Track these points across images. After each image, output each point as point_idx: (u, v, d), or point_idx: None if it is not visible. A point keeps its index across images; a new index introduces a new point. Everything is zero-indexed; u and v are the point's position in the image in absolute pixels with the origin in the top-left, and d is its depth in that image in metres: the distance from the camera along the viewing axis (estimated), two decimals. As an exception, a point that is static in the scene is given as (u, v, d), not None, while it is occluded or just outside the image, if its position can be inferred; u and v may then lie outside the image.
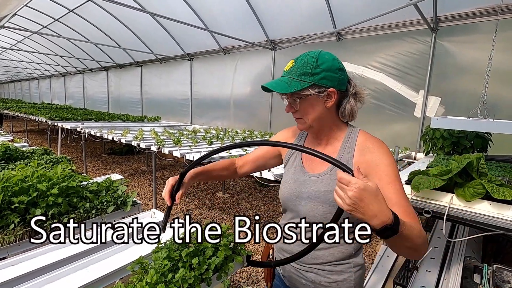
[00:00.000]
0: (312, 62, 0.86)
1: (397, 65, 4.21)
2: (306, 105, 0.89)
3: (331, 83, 0.87)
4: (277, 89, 0.86)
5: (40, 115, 6.56)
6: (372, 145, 0.91)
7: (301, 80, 0.86)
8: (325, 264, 0.95)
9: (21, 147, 2.31)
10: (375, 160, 0.86)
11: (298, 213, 0.97)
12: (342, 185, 0.63)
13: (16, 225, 0.99)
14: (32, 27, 8.35)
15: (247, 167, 1.15)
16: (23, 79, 19.93)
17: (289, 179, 1.02)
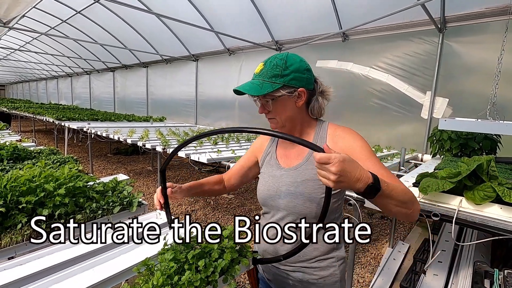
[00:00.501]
0: (281, 64, 0.90)
1: (404, 65, 4.17)
2: (278, 106, 0.94)
3: (300, 83, 0.92)
4: (250, 92, 0.90)
5: (48, 115, 6.64)
6: (343, 132, 0.98)
7: (272, 82, 0.90)
8: (311, 261, 0.97)
9: (28, 147, 2.34)
10: (348, 144, 0.93)
11: (278, 208, 1.00)
12: (323, 164, 0.65)
13: (24, 225, 0.99)
14: (40, 28, 8.47)
15: (233, 180, 1.19)
16: (31, 79, 20.21)
17: (267, 177, 1.05)
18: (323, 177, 0.67)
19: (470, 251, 2.02)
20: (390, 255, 3.12)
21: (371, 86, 4.49)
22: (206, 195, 1.15)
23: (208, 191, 1.12)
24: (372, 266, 3.03)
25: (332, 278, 0.98)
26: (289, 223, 0.96)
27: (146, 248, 0.95)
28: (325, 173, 0.66)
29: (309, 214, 0.94)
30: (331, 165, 0.64)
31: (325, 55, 4.97)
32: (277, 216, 1.01)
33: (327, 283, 0.98)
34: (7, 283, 0.77)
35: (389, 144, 4.25)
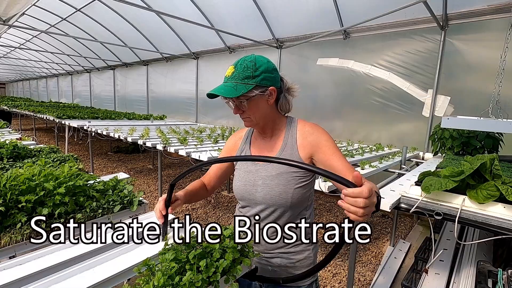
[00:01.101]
0: (251, 66, 0.96)
1: (405, 63, 4.15)
2: (252, 105, 0.99)
3: (270, 83, 0.98)
4: (227, 94, 0.94)
5: (48, 114, 6.63)
6: (311, 128, 1.06)
7: (245, 83, 0.95)
8: (287, 246, 1.06)
9: (28, 145, 2.33)
10: (316, 139, 1.02)
11: (255, 201, 1.06)
12: (352, 198, 0.65)
13: (23, 224, 0.98)
14: (40, 26, 8.44)
15: (213, 182, 1.23)
16: (31, 77, 20.19)
17: (242, 173, 1.11)
18: (351, 212, 0.66)
19: (472, 250, 2.01)
20: (391, 253, 3.12)
21: (372, 84, 4.47)
22: (196, 200, 1.17)
23: (197, 195, 1.15)
24: (373, 264, 3.02)
25: (307, 260, 1.08)
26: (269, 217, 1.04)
27: (146, 248, 0.94)
28: (355, 208, 0.65)
29: (285, 204, 1.02)
30: (362, 200, 0.64)
31: (326, 53, 4.95)
32: (255, 209, 1.07)
33: (303, 265, 1.08)
34: (7, 283, 0.76)
35: (389, 143, 4.24)
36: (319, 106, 4.96)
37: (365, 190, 0.64)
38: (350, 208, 0.65)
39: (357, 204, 0.64)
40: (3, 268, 0.82)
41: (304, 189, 1.03)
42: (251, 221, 1.06)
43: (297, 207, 1.04)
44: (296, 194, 1.01)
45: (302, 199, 1.03)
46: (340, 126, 4.88)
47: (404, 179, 2.07)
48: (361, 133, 4.67)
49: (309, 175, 1.04)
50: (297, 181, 1.01)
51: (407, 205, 1.51)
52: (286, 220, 1.04)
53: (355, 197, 0.64)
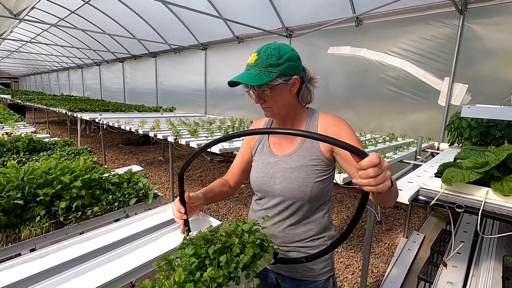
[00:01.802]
0: (275, 54, 0.92)
1: (421, 50, 4.00)
2: (275, 94, 0.96)
3: (294, 71, 0.96)
4: (250, 82, 0.90)
5: (60, 107, 6.73)
6: (333, 120, 1.02)
7: (269, 71, 0.92)
8: (305, 240, 1.04)
9: (43, 139, 2.36)
10: (337, 132, 0.98)
11: (273, 193, 1.04)
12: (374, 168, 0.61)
13: (42, 217, 0.99)
14: (49, 19, 8.49)
15: (236, 178, 1.20)
16: (43, 71, 20.50)
17: (260, 164, 1.09)
18: (365, 185, 0.62)
19: (492, 244, 1.96)
20: (405, 245, 3.08)
21: (385, 72, 4.35)
22: (218, 200, 1.14)
23: (219, 194, 1.12)
24: (386, 256, 3.00)
25: None
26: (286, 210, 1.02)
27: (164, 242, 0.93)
28: (381, 176, 0.61)
29: (303, 198, 0.99)
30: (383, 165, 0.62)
31: (337, 41, 4.82)
32: (273, 201, 1.05)
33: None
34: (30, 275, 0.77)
35: (403, 133, 4.14)
36: (330, 96, 4.86)
37: (373, 157, 0.60)
38: (362, 181, 0.62)
39: (368, 175, 0.61)
40: (25, 261, 0.83)
41: (323, 183, 1.00)
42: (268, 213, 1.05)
43: (315, 201, 1.02)
44: (316, 188, 0.99)
45: (321, 193, 1.01)
46: (351, 116, 4.78)
47: (421, 170, 2.01)
48: (374, 123, 4.57)
49: (329, 168, 1.01)
50: (317, 174, 0.98)
51: (426, 197, 1.47)
52: (303, 214, 1.02)
53: (366, 168, 0.61)
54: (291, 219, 1.03)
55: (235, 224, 0.83)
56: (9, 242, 0.91)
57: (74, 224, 1.03)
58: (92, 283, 0.72)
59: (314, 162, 0.98)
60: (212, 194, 1.08)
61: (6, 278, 0.76)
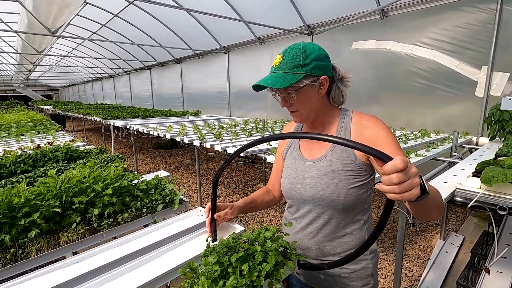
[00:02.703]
0: (301, 54, 0.87)
1: (453, 39, 3.75)
2: (302, 96, 0.91)
3: (322, 71, 0.89)
4: (274, 85, 0.86)
5: (95, 115, 7.17)
6: (368, 121, 0.93)
7: (294, 72, 0.87)
8: (342, 254, 0.96)
9: (79, 147, 2.52)
10: (373, 134, 0.89)
11: (303, 200, 0.98)
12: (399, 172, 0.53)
13: (78, 224, 1.06)
14: (83, 34, 9.08)
15: (277, 186, 1.17)
16: (79, 82, 21.97)
17: (290, 169, 1.04)
18: (387, 192, 0.55)
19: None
20: (442, 247, 2.89)
21: (414, 65, 4.12)
22: (259, 209, 1.13)
23: (260, 203, 1.11)
24: (422, 259, 2.84)
25: (364, 271, 0.97)
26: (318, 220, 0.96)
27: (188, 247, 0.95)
28: (407, 183, 0.54)
29: (336, 206, 0.92)
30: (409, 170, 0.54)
31: (362, 36, 4.65)
32: (301, 210, 1.00)
33: (359, 277, 0.96)
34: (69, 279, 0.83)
35: (436, 128, 3.90)
36: (355, 92, 4.69)
37: (398, 161, 0.53)
38: (385, 188, 0.55)
39: (391, 181, 0.54)
40: (63, 266, 0.89)
41: (359, 190, 0.91)
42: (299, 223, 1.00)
43: (350, 210, 0.93)
44: (350, 196, 0.90)
45: (357, 201, 0.92)
46: (378, 112, 4.59)
47: (457, 168, 1.88)
48: (403, 118, 4.36)
49: (366, 173, 0.92)
50: (351, 180, 0.90)
51: (463, 198, 1.37)
52: (338, 224, 0.94)
53: (389, 173, 0.54)
54: (324, 230, 0.95)
55: (258, 231, 0.83)
56: (49, 247, 0.98)
57: (106, 230, 1.09)
58: (123, 289, 0.76)
59: (347, 167, 0.91)
60: (252, 205, 1.07)
61: (47, 283, 0.82)
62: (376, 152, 0.55)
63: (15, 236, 0.95)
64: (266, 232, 0.81)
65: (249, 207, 1.06)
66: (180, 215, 1.18)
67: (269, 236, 0.79)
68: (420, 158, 2.35)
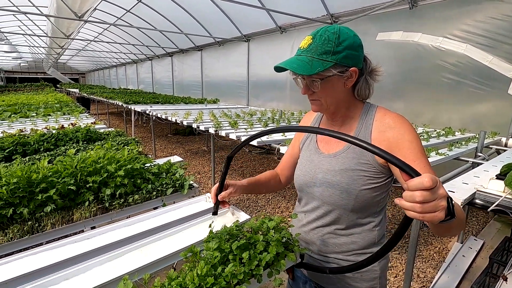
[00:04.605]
0: (333, 39, 0.79)
1: (488, 32, 3.49)
2: (327, 86, 0.83)
3: (352, 62, 0.81)
4: (299, 71, 0.79)
5: (117, 99, 7.38)
6: (393, 121, 0.85)
7: (323, 59, 0.79)
8: (347, 253, 0.91)
9: (100, 129, 2.61)
10: (397, 137, 0.81)
11: (313, 196, 0.94)
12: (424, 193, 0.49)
13: (91, 202, 1.10)
14: (109, 19, 9.28)
15: (286, 171, 1.13)
16: (105, 67, 22.63)
17: (304, 161, 0.99)
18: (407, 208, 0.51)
19: None
20: (459, 251, 2.79)
21: (442, 58, 3.90)
22: (263, 192, 1.11)
23: (264, 185, 1.07)
24: (436, 261, 2.75)
25: (370, 274, 0.92)
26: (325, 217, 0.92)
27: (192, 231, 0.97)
28: (432, 204, 0.49)
29: (345, 206, 0.87)
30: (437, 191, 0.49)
31: (388, 26, 4.44)
32: (310, 205, 0.96)
33: (364, 279, 0.92)
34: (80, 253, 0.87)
35: (462, 126, 3.70)
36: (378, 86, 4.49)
37: (425, 179, 0.48)
38: (405, 204, 0.51)
39: (414, 198, 0.49)
40: (74, 241, 0.93)
41: (373, 192, 0.86)
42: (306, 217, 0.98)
43: (361, 211, 0.88)
44: (362, 197, 0.85)
45: (368, 203, 0.87)
46: (402, 107, 4.41)
47: (481, 170, 1.78)
48: (428, 115, 4.16)
49: (383, 176, 0.86)
50: (364, 181, 0.84)
51: (484, 201, 1.30)
52: (346, 224, 0.90)
53: (413, 189, 0.49)
54: (331, 226, 0.92)
55: (261, 220, 0.82)
56: (64, 222, 1.03)
57: (117, 210, 1.13)
58: (124, 268, 0.78)
59: (363, 167, 0.85)
60: (256, 186, 1.04)
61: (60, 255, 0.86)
62: (402, 164, 0.50)
63: (33, 210, 1.00)
64: (270, 222, 0.80)
65: (252, 187, 1.03)
66: (189, 199, 1.20)
67: (272, 226, 0.79)
68: (441, 157, 2.25)
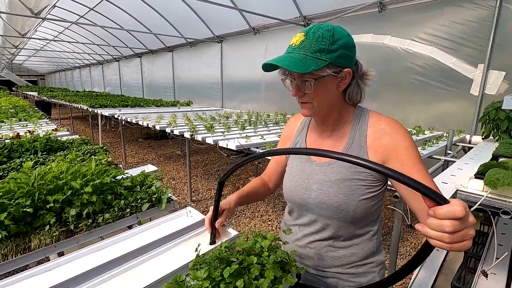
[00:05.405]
0: (328, 37, 0.74)
1: (451, 36, 3.70)
2: (320, 87, 0.78)
3: (346, 63, 0.77)
4: (292, 68, 0.71)
5: (82, 103, 6.90)
6: (388, 126, 0.82)
7: (317, 58, 0.73)
8: (346, 266, 0.87)
9: (62, 137, 2.37)
10: (393, 143, 0.79)
11: (307, 209, 0.88)
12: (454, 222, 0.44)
13: (52, 226, 0.95)
14: (70, 17, 8.68)
15: (273, 179, 1.08)
16: (66, 68, 21.24)
17: (295, 171, 0.92)
18: (433, 238, 0.47)
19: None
20: (433, 245, 2.89)
21: (411, 61, 4.07)
22: (254, 201, 1.04)
23: (255, 196, 1.02)
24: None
25: None
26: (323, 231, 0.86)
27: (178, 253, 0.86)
28: (461, 233, 0.45)
29: (344, 218, 0.82)
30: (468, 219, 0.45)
31: (359, 29, 4.56)
32: (305, 218, 0.90)
33: None
34: None
35: (430, 125, 3.88)
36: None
37: (458, 207, 0.44)
38: (431, 233, 0.46)
39: (443, 228, 0.45)
40: (32, 274, 0.79)
41: (371, 202, 0.82)
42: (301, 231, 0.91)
43: (359, 222, 0.85)
44: (360, 208, 0.80)
45: (366, 213, 0.83)
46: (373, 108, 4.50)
47: (455, 168, 1.84)
48: (398, 115, 4.32)
49: (380, 184, 0.82)
50: (363, 191, 0.80)
51: (465, 201, 1.32)
52: (345, 236, 0.86)
53: (443, 218, 0.45)
54: (330, 240, 0.86)
55: (254, 239, 0.74)
56: (18, 252, 0.88)
57: (85, 232, 0.99)
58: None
59: (360, 176, 0.80)
60: (246, 199, 0.98)
61: (13, 294, 0.72)
62: (427, 191, 0.45)
63: (-22, 240, 0.84)
64: (264, 241, 0.72)
65: (244, 201, 0.97)
66: (168, 215, 1.09)
67: (266, 246, 0.71)
68: (416, 156, 2.30)
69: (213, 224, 0.88)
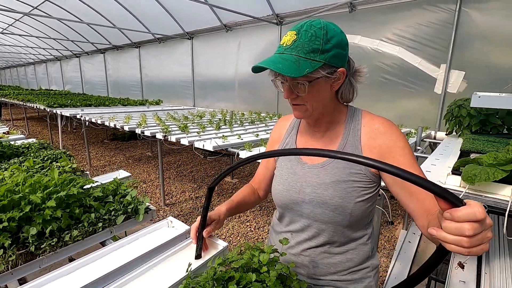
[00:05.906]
0: (321, 36, 0.69)
1: (416, 37, 3.89)
2: (314, 89, 0.74)
3: (340, 62, 0.74)
4: (285, 72, 0.67)
5: (38, 102, 6.32)
6: (382, 126, 0.79)
7: (311, 59, 0.69)
8: (343, 273, 0.84)
9: (16, 140, 2.12)
10: (388, 143, 0.76)
11: (300, 214, 0.83)
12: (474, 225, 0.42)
13: (8, 249, 0.81)
14: (22, 8, 7.90)
15: (263, 185, 1.02)
16: (18, 64, 19.44)
17: (285, 174, 0.87)
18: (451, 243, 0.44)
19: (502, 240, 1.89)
20: (405, 238, 3.02)
21: (380, 60, 4.22)
22: (244, 211, 0.97)
23: (245, 205, 0.96)
24: (387, 250, 2.94)
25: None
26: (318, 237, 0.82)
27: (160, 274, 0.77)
28: (480, 236, 0.43)
29: (340, 222, 0.79)
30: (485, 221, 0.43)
31: (330, 28, 4.64)
32: (297, 224, 0.85)
33: None
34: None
35: (398, 122, 4.06)
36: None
37: (477, 209, 0.42)
38: (448, 237, 0.43)
39: (462, 232, 0.42)
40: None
41: (367, 203, 0.79)
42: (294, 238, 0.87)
43: (355, 225, 0.82)
44: (357, 210, 0.77)
45: (362, 216, 0.80)
46: (345, 106, 4.66)
47: (428, 164, 1.90)
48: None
49: (374, 185, 0.80)
50: (358, 193, 0.77)
51: (444, 197, 1.36)
52: (341, 241, 0.82)
53: (461, 221, 0.42)
54: (325, 247, 0.82)
55: (250, 253, 0.67)
56: (-36, 284, 0.73)
57: (48, 254, 0.85)
58: None
59: (355, 177, 0.77)
60: (236, 209, 0.92)
61: None
62: (445, 193, 0.42)
63: None
64: (261, 255, 0.66)
65: (234, 211, 0.91)
66: (146, 228, 0.98)
67: (265, 260, 0.65)
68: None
69: (200, 234, 0.80)
